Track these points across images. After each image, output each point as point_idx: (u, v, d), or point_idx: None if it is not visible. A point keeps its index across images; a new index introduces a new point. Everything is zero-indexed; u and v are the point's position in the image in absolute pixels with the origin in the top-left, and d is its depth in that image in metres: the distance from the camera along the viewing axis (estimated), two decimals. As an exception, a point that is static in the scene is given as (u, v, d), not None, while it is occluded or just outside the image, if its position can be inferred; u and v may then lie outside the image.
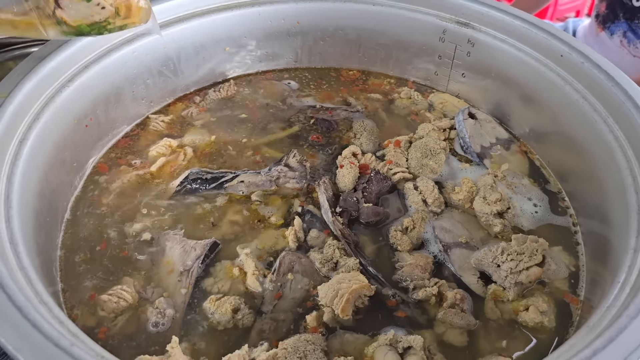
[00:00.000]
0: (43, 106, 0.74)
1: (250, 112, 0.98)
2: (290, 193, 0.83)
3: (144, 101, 0.94)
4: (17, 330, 0.47)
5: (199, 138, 0.92)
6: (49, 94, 0.75)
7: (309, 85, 1.05)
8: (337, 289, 0.66)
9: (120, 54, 0.86)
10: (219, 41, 1.00)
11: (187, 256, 0.73)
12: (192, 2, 0.94)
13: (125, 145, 0.90)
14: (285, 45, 1.06)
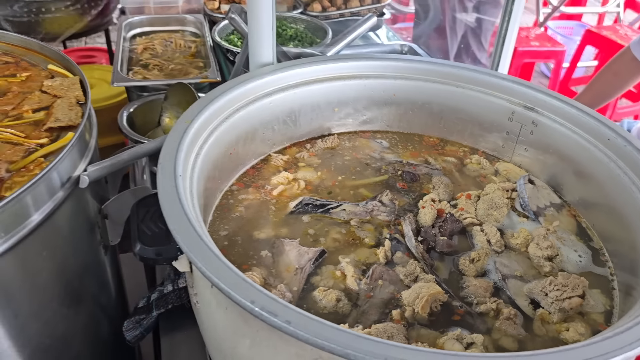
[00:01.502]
0: (209, 133, 0.97)
1: (350, 160, 1.20)
2: (381, 223, 1.02)
3: (269, 142, 1.18)
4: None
5: (309, 175, 1.14)
6: (214, 125, 0.99)
7: (397, 145, 1.27)
8: (418, 292, 0.84)
9: (262, 103, 1.11)
10: (330, 103, 1.23)
11: (301, 258, 0.93)
12: (316, 71, 1.19)
13: (252, 173, 1.13)
14: (382, 112, 1.28)
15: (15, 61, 1.11)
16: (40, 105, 0.97)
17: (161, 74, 1.58)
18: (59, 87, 1.01)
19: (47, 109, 0.96)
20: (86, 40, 4.68)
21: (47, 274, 0.85)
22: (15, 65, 1.10)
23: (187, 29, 1.84)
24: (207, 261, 0.65)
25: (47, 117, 0.93)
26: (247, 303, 0.60)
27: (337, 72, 1.21)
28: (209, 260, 0.65)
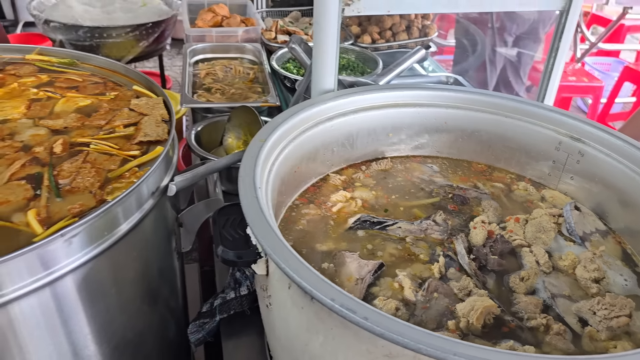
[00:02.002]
0: (279, 152, 1.06)
1: (402, 183, 1.26)
2: (434, 241, 1.08)
3: (328, 162, 1.25)
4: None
5: (365, 194, 1.21)
6: (283, 144, 1.07)
7: (447, 170, 1.33)
8: (472, 305, 0.90)
9: (324, 126, 1.19)
10: (385, 128, 1.31)
11: (361, 269, 0.99)
12: (373, 99, 1.27)
13: (313, 191, 1.21)
14: (432, 139, 1.35)
15: (103, 81, 1.22)
16: (129, 121, 1.07)
17: (223, 97, 1.69)
18: (144, 105, 1.11)
19: (136, 125, 1.06)
20: (136, 65, 4.90)
21: (133, 275, 0.94)
22: (104, 85, 1.21)
23: (246, 57, 1.96)
24: (289, 263, 0.72)
25: (137, 132, 1.02)
26: (328, 300, 0.66)
27: (393, 100, 1.29)
28: (291, 263, 0.72)
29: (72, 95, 1.14)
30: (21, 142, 0.98)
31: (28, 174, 0.90)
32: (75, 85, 1.19)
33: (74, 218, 0.80)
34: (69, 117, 1.07)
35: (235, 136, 1.50)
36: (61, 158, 0.94)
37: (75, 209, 0.82)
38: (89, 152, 0.96)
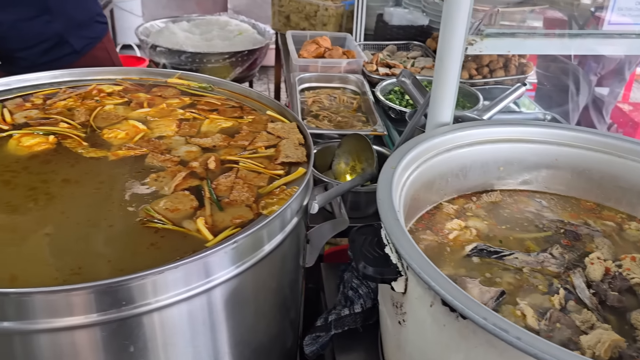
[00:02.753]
0: (405, 179, 1.12)
1: (513, 215, 1.29)
2: (551, 273, 1.10)
3: (442, 192, 1.30)
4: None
5: (478, 224, 1.25)
6: (408, 172, 1.14)
7: (556, 205, 1.35)
8: (599, 337, 0.91)
9: (441, 157, 1.24)
10: (497, 161, 1.35)
11: (483, 295, 1.03)
12: (488, 133, 1.31)
13: (427, 218, 1.26)
14: (541, 174, 1.38)
15: (239, 105, 1.33)
16: (268, 143, 1.16)
17: (330, 124, 1.77)
18: (281, 129, 1.20)
19: (275, 147, 1.15)
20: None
21: (271, 287, 1.01)
22: (240, 109, 1.31)
23: (348, 87, 2.05)
24: (439, 282, 0.77)
25: (278, 154, 1.11)
26: (480, 319, 0.71)
27: (506, 135, 1.33)
28: (441, 282, 0.77)
29: (215, 117, 1.25)
30: (178, 157, 1.09)
31: (190, 186, 1.00)
32: (216, 108, 1.30)
33: (237, 228, 0.89)
34: (215, 136, 1.17)
35: (344, 162, 1.58)
36: (215, 173, 1.04)
37: (237, 219, 0.90)
38: (238, 169, 1.05)
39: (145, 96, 1.33)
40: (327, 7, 2.89)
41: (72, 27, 1.85)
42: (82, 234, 0.88)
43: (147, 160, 1.07)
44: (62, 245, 0.85)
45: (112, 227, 0.90)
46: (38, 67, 1.71)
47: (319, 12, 2.94)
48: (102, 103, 1.27)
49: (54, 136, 1.12)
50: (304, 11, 3.04)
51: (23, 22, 1.62)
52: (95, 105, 1.26)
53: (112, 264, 0.81)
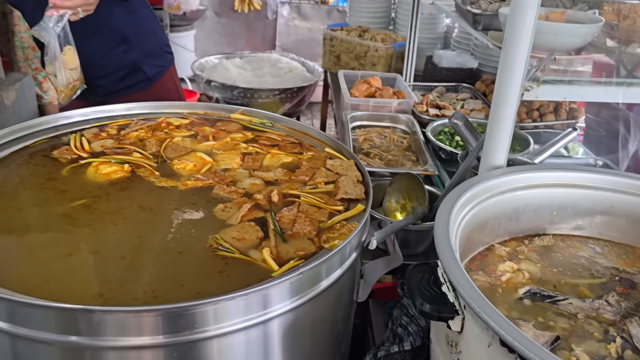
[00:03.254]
0: (460, 220, 1.15)
1: (565, 260, 1.29)
2: (606, 321, 1.09)
3: (494, 234, 1.31)
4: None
5: (531, 267, 1.25)
6: (463, 212, 1.16)
7: (610, 252, 1.34)
8: (660, 390, 0.90)
9: (495, 199, 1.26)
10: (550, 206, 1.35)
11: (537, 339, 1.03)
12: (541, 177, 1.33)
13: (480, 259, 1.27)
14: (595, 220, 1.37)
15: (298, 142, 1.39)
16: (327, 179, 1.20)
17: (381, 162, 1.81)
18: (339, 166, 1.25)
19: (334, 183, 1.19)
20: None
21: (327, 319, 1.04)
22: (300, 145, 1.37)
23: (399, 126, 2.09)
24: (498, 322, 0.78)
25: (337, 190, 1.15)
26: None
27: (560, 180, 1.34)
28: (501, 322, 0.78)
29: (276, 152, 1.31)
30: (243, 189, 1.14)
31: (255, 217, 1.04)
32: (276, 144, 1.36)
33: (300, 260, 0.93)
34: (277, 170, 1.23)
35: (395, 199, 1.61)
36: (278, 206, 1.09)
37: (300, 251, 0.94)
38: (300, 203, 1.09)
39: (210, 130, 1.40)
40: (377, 48, 2.97)
41: (146, 56, 1.97)
42: (156, 258, 0.93)
43: (214, 191, 1.12)
44: (138, 268, 0.90)
45: (182, 254, 0.95)
46: (114, 93, 1.84)
47: (369, 52, 3.03)
48: (171, 135, 1.35)
49: (129, 165, 1.19)
50: (354, 51, 3.12)
51: (104, 52, 1.75)
52: (164, 137, 1.34)
53: (184, 288, 0.86)
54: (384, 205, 1.62)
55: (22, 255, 0.94)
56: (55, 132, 1.33)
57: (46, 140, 1.30)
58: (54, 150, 1.23)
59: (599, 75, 1.70)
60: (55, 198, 1.07)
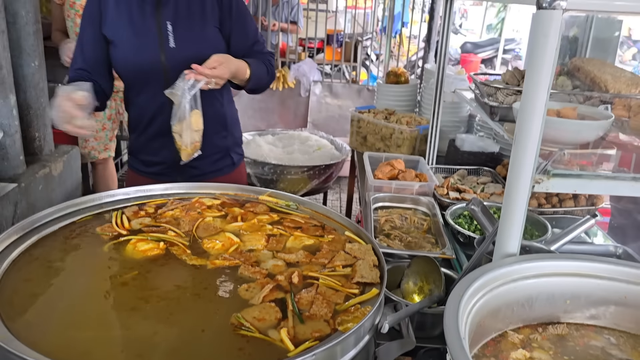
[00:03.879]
0: (472, 306, 1.19)
1: (580, 350, 1.30)
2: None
3: (507, 320, 1.34)
4: None
5: (544, 356, 1.27)
6: (475, 299, 1.20)
7: (625, 344, 1.34)
8: None
9: (507, 287, 1.30)
10: (563, 295, 1.38)
11: None
12: (554, 266, 1.37)
13: (492, 345, 1.29)
14: (609, 311, 1.38)
15: (320, 225, 1.47)
16: (345, 262, 1.27)
17: (401, 244, 1.87)
18: (357, 250, 1.32)
19: (351, 266, 1.26)
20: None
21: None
22: (322, 228, 1.45)
23: (420, 208, 2.16)
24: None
25: (354, 273, 1.22)
26: None
27: (573, 270, 1.37)
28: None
29: (299, 235, 1.39)
30: (266, 270, 1.22)
31: (275, 297, 1.11)
32: (300, 226, 1.44)
33: (315, 341, 0.98)
34: (298, 253, 1.30)
35: (413, 282, 1.66)
36: (297, 287, 1.16)
37: (316, 332, 1.00)
38: (318, 285, 1.16)
39: (239, 211, 1.50)
40: (402, 131, 3.09)
41: (234, 144, 2.16)
42: (184, 336, 1.00)
43: (239, 271, 1.21)
44: (169, 344, 0.98)
45: (205, 332, 1.02)
46: (204, 176, 1.99)
47: (394, 134, 3.15)
48: (203, 215, 1.45)
49: (164, 243, 1.29)
50: (380, 133, 3.26)
51: (209, 135, 1.89)
52: (197, 216, 1.44)
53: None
54: (402, 286, 1.66)
55: (61, 326, 1.02)
56: (99, 209, 1.45)
57: (91, 217, 1.42)
58: (98, 227, 1.34)
59: (612, 167, 1.76)
60: (98, 273, 1.17)
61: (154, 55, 1.86)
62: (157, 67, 1.86)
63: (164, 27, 1.87)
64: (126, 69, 1.93)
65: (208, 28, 1.93)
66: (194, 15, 1.91)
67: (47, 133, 3.52)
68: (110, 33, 1.89)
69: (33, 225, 1.32)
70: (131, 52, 1.88)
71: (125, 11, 1.87)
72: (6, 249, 1.22)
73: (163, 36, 1.86)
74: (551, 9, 1.20)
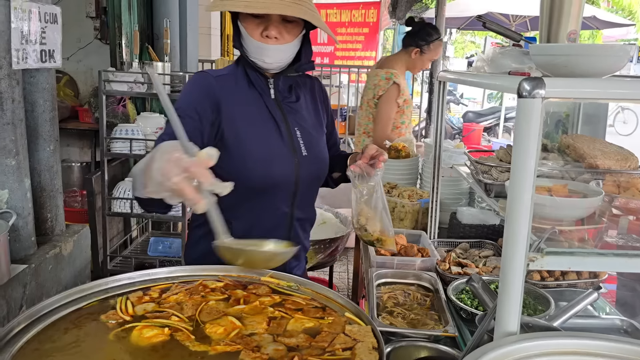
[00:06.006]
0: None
1: None
2: None
3: (511, 402, 1.32)
4: None
5: None
6: (475, 383, 1.20)
7: None
8: None
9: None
10: (566, 374, 1.36)
11: None
12: (558, 344, 1.36)
13: None
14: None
15: (321, 306, 1.48)
16: (345, 345, 1.27)
17: (404, 321, 1.87)
18: (357, 332, 1.32)
19: (351, 350, 1.26)
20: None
21: None
22: (322, 310, 1.46)
23: (422, 284, 2.16)
24: None
25: (352, 357, 1.22)
26: None
27: (575, 348, 1.36)
28: None
29: (300, 317, 1.40)
30: (267, 355, 1.22)
31: (277, 384, 1.11)
32: (300, 308, 1.45)
33: None
34: (299, 336, 1.31)
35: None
36: (298, 373, 1.16)
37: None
38: (318, 370, 1.16)
39: (242, 293, 1.51)
40: (404, 205, 3.13)
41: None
42: None
43: (240, 357, 1.21)
44: None
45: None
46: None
47: (396, 208, 3.19)
48: (206, 298, 1.47)
49: (168, 328, 1.30)
50: (383, 207, 3.30)
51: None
52: (200, 300, 1.46)
53: None
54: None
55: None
56: (105, 294, 1.47)
57: (96, 302, 1.44)
58: (102, 314, 1.36)
59: (606, 244, 1.78)
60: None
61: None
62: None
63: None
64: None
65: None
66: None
67: (59, 213, 3.60)
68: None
69: (40, 313, 1.34)
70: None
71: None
72: (12, 338, 1.24)
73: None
74: (531, 98, 1.26)
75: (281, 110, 1.86)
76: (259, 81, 1.83)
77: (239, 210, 1.83)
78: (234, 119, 1.77)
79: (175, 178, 1.14)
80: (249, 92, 1.83)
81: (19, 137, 3.13)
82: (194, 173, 1.16)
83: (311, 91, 2.00)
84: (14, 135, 3.09)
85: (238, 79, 1.83)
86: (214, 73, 1.82)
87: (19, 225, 3.29)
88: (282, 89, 1.87)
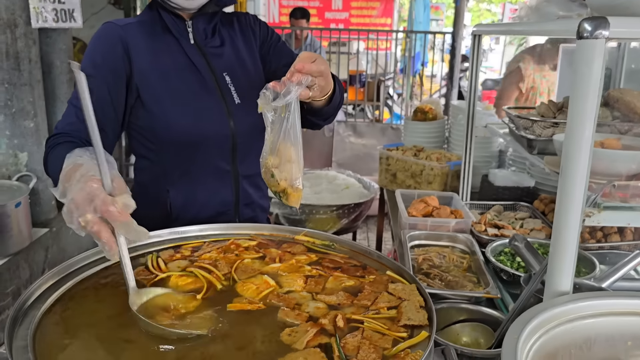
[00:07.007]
0: (529, 349, 1.12)
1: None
2: None
3: (565, 364, 1.26)
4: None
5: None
6: (531, 342, 1.13)
7: (695, 389, 1.25)
8: None
9: (564, 327, 1.21)
10: (623, 335, 1.29)
11: None
12: (611, 305, 1.28)
13: (551, 391, 1.21)
14: (675, 352, 1.30)
15: (360, 265, 1.42)
16: (389, 304, 1.21)
17: (442, 284, 1.80)
18: (401, 290, 1.26)
19: (396, 308, 1.20)
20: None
21: None
22: (362, 268, 1.40)
23: (457, 246, 2.09)
24: None
25: (399, 315, 1.16)
26: None
27: (631, 308, 1.29)
28: None
29: (338, 275, 1.34)
30: (307, 313, 1.16)
31: (320, 342, 1.06)
32: (339, 266, 1.39)
33: (365, 390, 0.92)
34: (339, 294, 1.25)
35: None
36: (342, 331, 1.10)
37: (364, 381, 0.94)
38: (364, 329, 1.10)
39: (277, 252, 1.46)
40: (432, 167, 3.05)
41: None
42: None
43: (279, 315, 1.15)
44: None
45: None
46: None
47: (424, 171, 3.11)
48: (240, 257, 1.41)
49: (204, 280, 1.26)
50: (410, 170, 3.22)
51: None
52: (235, 258, 1.40)
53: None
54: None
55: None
56: (133, 252, 1.42)
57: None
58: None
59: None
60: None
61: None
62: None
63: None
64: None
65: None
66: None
67: (79, 178, 3.55)
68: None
69: (67, 271, 1.30)
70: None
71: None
72: (42, 294, 1.20)
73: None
74: (593, 39, 1.16)
75: (204, 55, 1.63)
76: (175, 25, 1.59)
77: (174, 175, 1.68)
78: (147, 72, 1.57)
79: (90, 216, 1.01)
80: (164, 40, 1.60)
81: (36, 98, 3.08)
82: (110, 215, 1.01)
83: (240, 28, 1.72)
84: (31, 96, 3.04)
85: (151, 26, 1.60)
86: (120, 22, 1.60)
87: (39, 189, 3.27)
88: (203, 31, 1.63)
